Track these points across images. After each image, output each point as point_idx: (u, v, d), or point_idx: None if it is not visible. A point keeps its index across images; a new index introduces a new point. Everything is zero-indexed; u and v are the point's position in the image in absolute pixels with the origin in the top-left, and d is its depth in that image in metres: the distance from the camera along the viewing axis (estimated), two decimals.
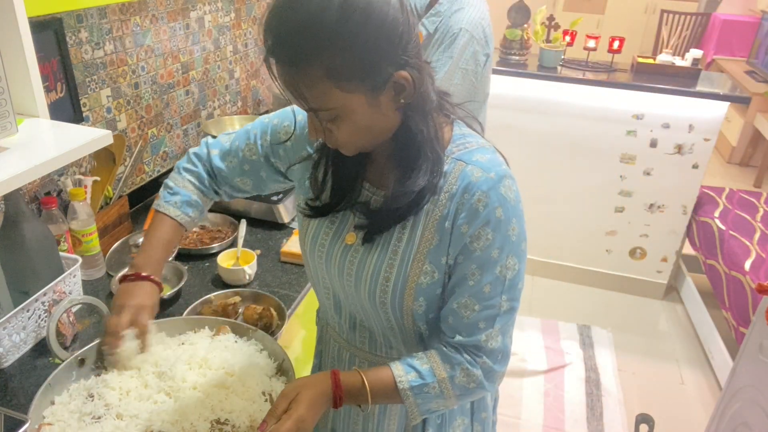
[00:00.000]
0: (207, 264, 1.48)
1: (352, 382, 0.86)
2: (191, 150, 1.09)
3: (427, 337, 0.94)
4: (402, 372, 0.86)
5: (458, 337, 0.86)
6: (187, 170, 1.07)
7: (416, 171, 0.82)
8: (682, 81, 2.77)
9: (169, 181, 1.07)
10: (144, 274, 0.98)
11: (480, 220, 0.81)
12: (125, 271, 1.02)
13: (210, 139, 1.09)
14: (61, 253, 1.25)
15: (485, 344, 0.85)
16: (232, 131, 1.09)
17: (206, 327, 1.09)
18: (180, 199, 1.04)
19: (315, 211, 0.95)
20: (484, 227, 0.81)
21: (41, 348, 1.17)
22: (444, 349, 0.88)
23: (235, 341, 1.05)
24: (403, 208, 0.85)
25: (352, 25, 0.70)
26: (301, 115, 0.99)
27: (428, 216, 0.85)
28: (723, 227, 2.72)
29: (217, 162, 1.06)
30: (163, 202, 1.04)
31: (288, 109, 1.01)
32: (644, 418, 1.11)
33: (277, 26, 0.73)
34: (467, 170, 0.83)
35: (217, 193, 1.09)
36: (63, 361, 0.98)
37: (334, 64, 0.72)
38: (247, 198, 1.66)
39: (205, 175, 1.07)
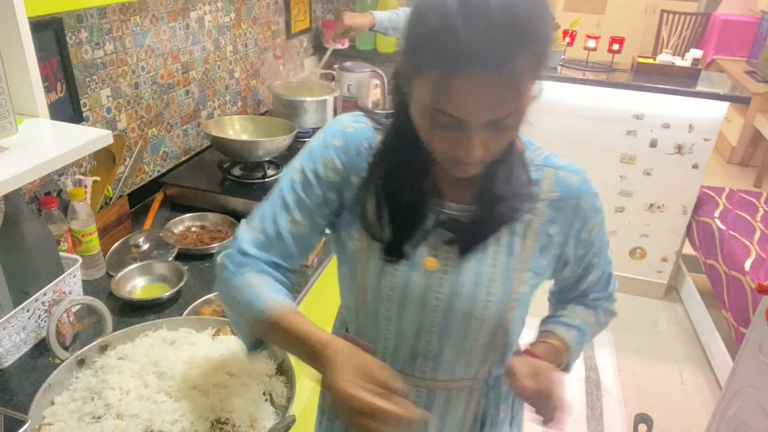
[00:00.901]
0: (207, 264, 1.48)
1: (550, 353, 0.95)
2: (226, 259, 0.85)
3: (501, 352, 0.92)
4: (571, 337, 0.97)
5: (593, 294, 1.00)
6: (239, 266, 0.83)
7: (512, 177, 0.82)
8: (682, 81, 2.77)
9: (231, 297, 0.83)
10: (329, 338, 0.76)
11: (590, 216, 0.88)
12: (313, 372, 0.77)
13: (235, 242, 0.85)
14: (61, 253, 1.25)
15: (612, 292, 1.02)
16: (251, 220, 0.87)
17: (206, 327, 1.10)
18: (283, 298, 0.82)
19: (397, 254, 0.84)
20: (595, 218, 0.89)
21: (41, 348, 1.17)
22: (575, 300, 1.01)
23: (235, 341, 1.05)
24: (503, 216, 0.83)
25: (547, 8, 0.68)
26: (338, 139, 0.86)
27: (527, 224, 0.85)
28: (723, 227, 2.72)
29: (263, 255, 0.85)
30: (264, 304, 0.79)
31: (315, 145, 0.87)
32: (643, 418, 1.11)
33: (508, 12, 0.63)
34: (561, 176, 0.86)
35: (290, 270, 0.89)
36: (63, 361, 0.99)
37: (540, 55, 0.67)
38: (246, 198, 1.66)
39: (272, 271, 0.85)
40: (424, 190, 0.84)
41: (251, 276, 0.82)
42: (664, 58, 2.91)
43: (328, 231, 0.92)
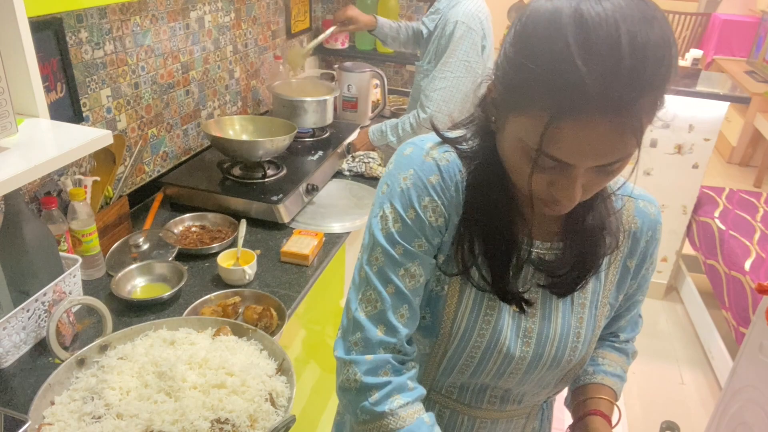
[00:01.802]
0: (207, 264, 1.48)
1: (609, 410, 0.91)
2: (357, 369, 0.75)
3: (566, 385, 0.92)
4: (618, 388, 0.94)
5: (623, 335, 0.97)
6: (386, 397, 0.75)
7: (593, 208, 0.78)
8: (682, 81, 2.77)
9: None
10: None
11: (656, 252, 0.87)
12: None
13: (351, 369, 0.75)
14: (61, 253, 1.25)
15: (638, 329, 1.00)
16: (361, 305, 0.76)
17: (206, 327, 1.10)
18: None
19: (502, 293, 0.77)
20: (656, 252, 0.87)
21: (41, 348, 1.17)
22: (610, 344, 0.97)
23: (235, 341, 1.05)
24: (597, 252, 0.78)
25: (675, 46, 0.61)
26: (433, 175, 0.75)
27: (610, 258, 0.82)
28: (723, 227, 2.72)
29: (404, 332, 0.77)
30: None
31: (404, 185, 0.75)
32: (669, 425, 1.09)
33: (642, 49, 0.57)
34: (641, 206, 0.84)
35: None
36: (63, 361, 0.99)
37: (661, 96, 0.61)
38: (246, 198, 1.66)
39: (407, 380, 0.77)
40: (516, 225, 0.77)
41: (402, 415, 0.73)
42: None
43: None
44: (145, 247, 1.49)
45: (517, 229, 0.77)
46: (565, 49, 0.57)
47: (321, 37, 2.18)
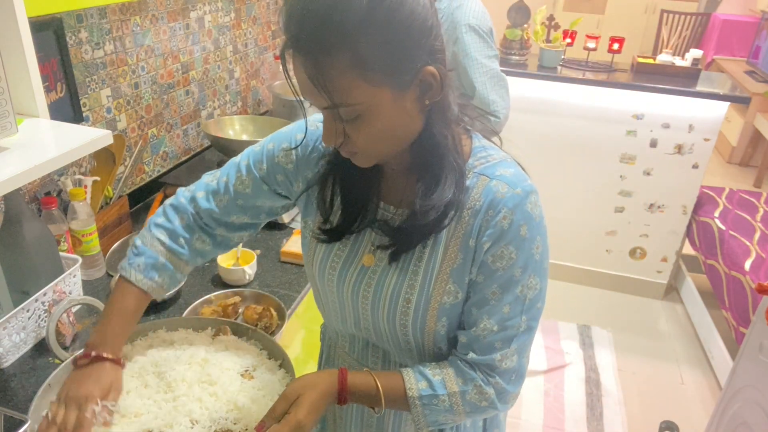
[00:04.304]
0: (207, 264, 1.48)
1: (362, 383, 0.83)
2: (167, 201, 0.98)
3: (447, 357, 0.89)
4: (413, 380, 0.83)
5: (472, 355, 0.82)
6: (158, 226, 0.95)
7: (441, 183, 0.78)
8: (682, 81, 2.77)
9: (136, 239, 0.94)
10: (95, 353, 0.86)
11: (504, 239, 0.78)
12: (78, 353, 0.89)
13: (189, 187, 0.99)
14: (61, 253, 1.25)
15: (500, 364, 0.81)
16: (215, 171, 1.00)
17: (206, 327, 1.09)
18: (144, 261, 0.92)
19: (329, 234, 0.89)
20: (508, 246, 0.78)
21: (41, 348, 1.17)
22: (459, 363, 0.84)
23: (235, 341, 1.05)
24: (430, 224, 0.79)
25: (383, 11, 0.66)
26: (301, 133, 0.92)
27: (451, 233, 0.81)
28: (723, 227, 2.72)
29: (204, 203, 0.95)
30: (126, 264, 0.92)
31: (283, 130, 0.95)
32: (668, 425, 1.09)
33: (301, 12, 0.67)
34: (491, 185, 0.79)
35: (206, 240, 0.98)
36: (63, 361, 0.98)
37: (362, 53, 0.67)
38: None
39: (181, 231, 0.95)
40: (369, 189, 0.87)
41: (157, 235, 0.94)
42: (664, 58, 2.91)
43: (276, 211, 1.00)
44: None
45: (371, 193, 0.87)
46: None
47: None
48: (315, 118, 0.90)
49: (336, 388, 0.83)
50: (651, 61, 2.90)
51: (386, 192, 0.88)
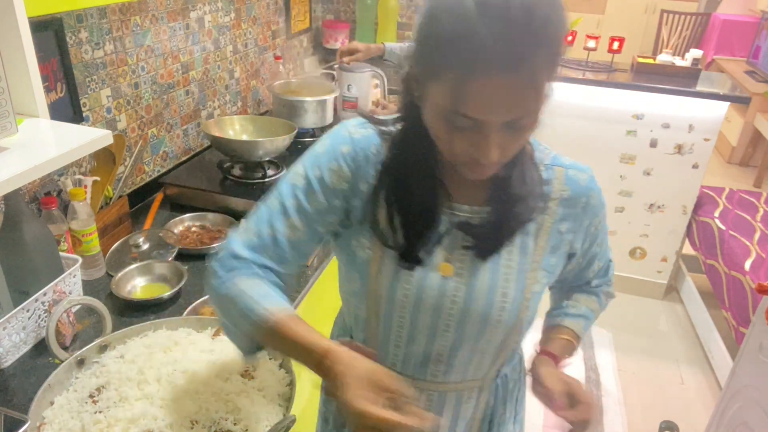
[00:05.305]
0: (207, 264, 1.47)
1: (566, 350, 1.01)
2: (216, 265, 0.83)
3: (512, 350, 0.94)
4: (580, 327, 1.03)
5: (595, 281, 1.04)
6: (230, 271, 0.81)
7: (523, 177, 0.82)
8: (682, 81, 2.77)
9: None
10: (328, 345, 0.74)
11: (599, 213, 0.91)
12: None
13: (227, 245, 0.83)
14: (61, 253, 1.25)
15: (611, 274, 1.06)
16: (247, 221, 0.84)
17: (206, 327, 1.10)
18: (277, 301, 0.79)
19: (410, 259, 0.82)
20: (601, 212, 0.92)
21: (41, 348, 1.17)
22: (579, 287, 1.05)
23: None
24: (519, 217, 0.83)
25: (563, 8, 0.67)
26: (346, 145, 0.83)
27: (539, 224, 0.86)
28: (723, 227, 2.72)
29: (255, 258, 0.82)
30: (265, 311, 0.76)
31: (319, 151, 0.84)
32: (668, 425, 1.10)
33: (522, 23, 0.63)
34: (571, 174, 0.88)
35: (285, 273, 0.85)
36: (62, 361, 0.99)
37: (555, 54, 0.68)
38: (246, 198, 1.66)
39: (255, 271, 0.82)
40: (435, 194, 0.83)
41: (243, 281, 0.79)
42: (664, 58, 2.91)
43: (331, 239, 0.89)
44: (145, 247, 1.49)
45: (438, 198, 0.83)
46: (466, 11, 0.64)
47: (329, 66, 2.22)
48: (348, 125, 0.86)
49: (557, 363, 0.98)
50: (651, 61, 2.90)
51: (456, 192, 0.85)
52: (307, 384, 1.72)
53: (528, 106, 0.69)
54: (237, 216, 1.64)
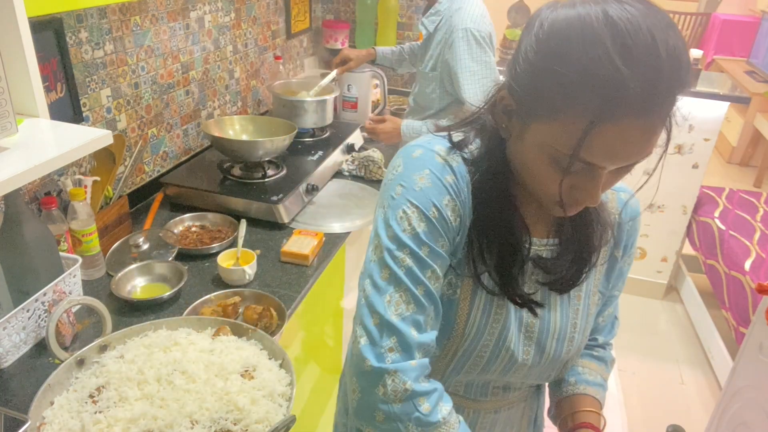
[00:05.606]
0: (207, 264, 1.48)
1: (597, 421, 0.91)
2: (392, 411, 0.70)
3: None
4: (603, 397, 0.95)
5: (600, 338, 0.97)
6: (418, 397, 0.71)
7: (600, 206, 0.82)
8: None
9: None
10: None
11: (635, 243, 0.89)
12: None
13: (383, 343, 0.70)
14: (61, 253, 1.25)
15: (614, 332, 0.99)
16: (375, 302, 0.71)
17: (206, 327, 1.10)
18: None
19: (512, 297, 0.78)
20: (636, 238, 0.89)
21: (41, 348, 1.17)
22: (588, 352, 0.97)
23: (235, 341, 1.05)
24: (593, 246, 0.81)
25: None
26: (448, 174, 0.74)
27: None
28: (723, 227, 2.72)
29: (425, 338, 0.73)
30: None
31: (420, 183, 0.73)
32: (675, 429, 1.10)
33: (660, 68, 0.58)
34: (622, 197, 0.87)
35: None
36: (62, 361, 0.99)
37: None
38: (246, 198, 1.66)
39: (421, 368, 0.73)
40: (519, 226, 0.78)
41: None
42: None
43: None
44: (145, 247, 1.49)
45: (518, 230, 0.78)
46: (605, 53, 0.57)
47: (325, 81, 2.19)
48: (435, 149, 0.77)
49: None
50: None
51: (530, 224, 0.80)
52: (307, 384, 1.72)
53: (651, 150, 0.64)
54: (237, 216, 1.63)
